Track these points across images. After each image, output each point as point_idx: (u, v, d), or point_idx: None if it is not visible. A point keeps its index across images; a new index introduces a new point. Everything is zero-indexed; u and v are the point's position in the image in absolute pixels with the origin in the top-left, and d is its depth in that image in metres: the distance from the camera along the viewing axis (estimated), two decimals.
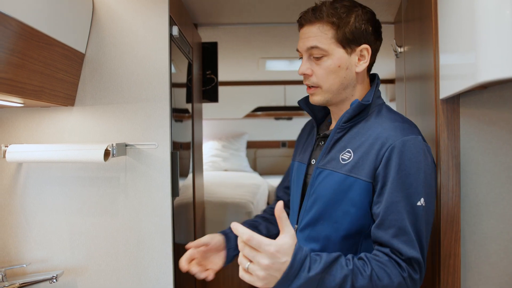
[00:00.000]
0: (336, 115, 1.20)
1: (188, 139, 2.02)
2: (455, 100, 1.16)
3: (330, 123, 1.26)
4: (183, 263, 1.21)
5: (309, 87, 1.15)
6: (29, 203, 1.50)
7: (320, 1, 1.13)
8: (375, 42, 1.15)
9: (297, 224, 1.18)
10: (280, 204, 0.91)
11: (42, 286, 1.49)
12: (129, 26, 1.49)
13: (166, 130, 1.49)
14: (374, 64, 1.22)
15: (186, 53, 1.89)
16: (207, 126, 4.76)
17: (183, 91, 1.89)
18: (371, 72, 1.22)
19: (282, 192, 1.45)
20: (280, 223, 0.91)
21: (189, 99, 2.04)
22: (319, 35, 1.09)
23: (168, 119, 1.49)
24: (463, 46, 0.94)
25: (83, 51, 1.47)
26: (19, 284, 1.41)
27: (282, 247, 0.89)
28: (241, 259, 0.91)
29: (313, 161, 1.20)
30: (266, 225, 1.38)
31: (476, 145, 1.15)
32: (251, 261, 0.89)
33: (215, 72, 2.49)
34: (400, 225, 0.99)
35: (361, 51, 1.11)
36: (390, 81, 4.57)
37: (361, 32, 1.10)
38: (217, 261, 1.27)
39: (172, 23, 1.53)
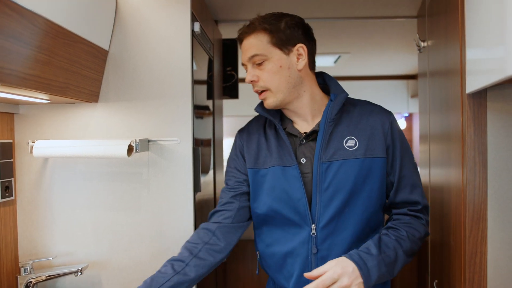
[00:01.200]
0: (297, 114, 1.25)
1: (209, 135, 2.03)
2: (482, 94, 1.13)
3: (293, 122, 1.27)
4: None
5: (259, 92, 1.23)
6: (55, 197, 1.53)
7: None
8: (309, 42, 1.23)
9: (314, 223, 1.18)
10: (307, 274, 1.06)
11: (68, 278, 1.53)
12: (151, 23, 1.50)
13: (188, 126, 1.50)
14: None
15: (207, 50, 1.90)
16: (227, 123, 4.77)
17: (204, 88, 1.90)
18: (319, 71, 1.31)
19: (236, 201, 1.29)
20: (319, 270, 1.06)
21: (210, 96, 2.05)
22: (256, 43, 1.19)
23: (190, 115, 1.50)
24: (492, 40, 0.92)
25: (106, 48, 1.49)
26: (46, 277, 1.44)
27: (340, 263, 1.06)
28: None
29: (303, 160, 1.21)
30: (194, 263, 1.20)
31: (504, 141, 1.12)
32: None
33: (235, 68, 2.50)
34: (412, 182, 1.24)
35: (297, 50, 1.20)
36: (411, 77, 4.50)
37: (292, 33, 1.19)
38: None
39: (193, 19, 1.54)
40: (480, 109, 1.14)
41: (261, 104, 1.28)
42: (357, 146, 1.19)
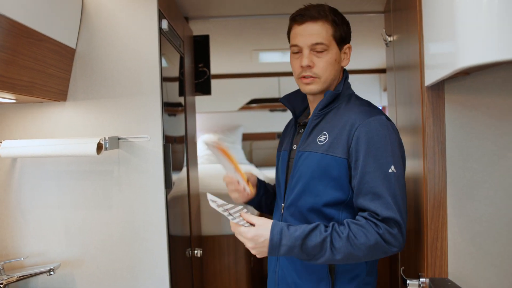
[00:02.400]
0: (314, 104, 1.33)
1: (182, 132, 2.03)
2: (440, 86, 1.18)
3: (309, 113, 1.38)
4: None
5: (307, 77, 1.27)
6: (24, 197, 1.52)
7: (312, 1, 1.27)
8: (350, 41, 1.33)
9: (283, 203, 1.31)
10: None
11: (40, 278, 1.52)
12: (118, 21, 1.50)
13: (158, 123, 1.51)
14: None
15: (177, 47, 1.91)
16: (202, 120, 4.77)
17: (175, 85, 1.90)
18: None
19: None
20: (249, 218, 1.15)
21: (181, 93, 2.06)
22: (321, 32, 1.24)
23: (159, 112, 1.51)
24: (445, 34, 0.96)
25: (73, 46, 1.48)
26: (17, 277, 1.43)
27: (258, 231, 1.12)
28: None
29: (294, 147, 1.34)
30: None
31: (460, 130, 1.17)
32: None
33: (207, 65, 2.51)
34: (375, 191, 1.16)
35: (345, 49, 1.30)
36: (383, 71, 4.59)
37: (348, 32, 1.29)
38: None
39: (161, 16, 1.55)
40: (438, 100, 1.19)
41: (287, 96, 1.40)
42: (325, 141, 1.23)
